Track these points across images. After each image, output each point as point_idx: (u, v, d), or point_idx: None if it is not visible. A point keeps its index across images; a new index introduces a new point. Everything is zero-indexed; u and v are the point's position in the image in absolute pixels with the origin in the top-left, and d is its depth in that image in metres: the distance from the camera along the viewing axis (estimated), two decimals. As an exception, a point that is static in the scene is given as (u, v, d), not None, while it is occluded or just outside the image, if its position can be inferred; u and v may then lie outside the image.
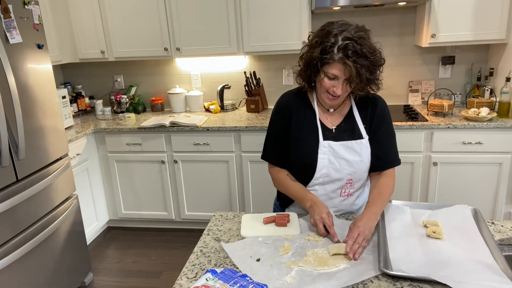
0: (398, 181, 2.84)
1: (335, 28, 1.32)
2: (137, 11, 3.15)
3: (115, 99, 3.56)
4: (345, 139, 1.46)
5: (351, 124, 1.48)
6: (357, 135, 1.46)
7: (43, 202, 2.25)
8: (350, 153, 1.45)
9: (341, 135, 1.47)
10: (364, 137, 1.46)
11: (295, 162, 1.50)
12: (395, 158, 1.51)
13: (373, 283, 1.10)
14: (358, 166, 1.46)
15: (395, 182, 1.50)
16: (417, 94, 3.31)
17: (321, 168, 1.46)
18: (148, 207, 3.32)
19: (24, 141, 2.07)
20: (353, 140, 1.45)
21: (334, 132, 1.47)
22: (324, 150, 1.45)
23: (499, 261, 1.11)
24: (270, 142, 1.58)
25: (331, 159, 1.45)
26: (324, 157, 1.45)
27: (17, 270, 2.05)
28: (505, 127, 2.64)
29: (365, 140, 1.46)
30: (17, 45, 2.09)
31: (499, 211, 2.81)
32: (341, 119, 1.49)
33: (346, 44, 1.28)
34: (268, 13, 2.98)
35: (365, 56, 1.29)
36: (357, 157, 1.45)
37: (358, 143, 1.45)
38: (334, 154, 1.45)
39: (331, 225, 1.31)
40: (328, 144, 1.45)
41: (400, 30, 3.21)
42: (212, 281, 1.08)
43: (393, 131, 1.52)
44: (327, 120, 1.49)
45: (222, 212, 1.60)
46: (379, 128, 1.47)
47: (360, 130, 1.47)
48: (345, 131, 1.47)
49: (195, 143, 3.06)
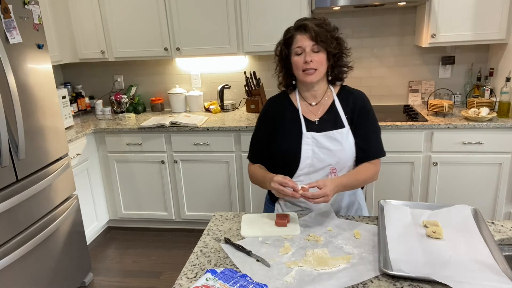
0: (398, 181, 2.87)
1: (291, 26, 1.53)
2: (137, 11, 3.15)
3: (115, 99, 3.56)
4: (328, 129, 1.52)
5: (333, 116, 1.54)
6: (339, 125, 1.53)
7: (43, 202, 2.25)
8: (332, 142, 1.51)
9: (324, 126, 1.53)
10: (345, 126, 1.52)
11: (280, 155, 1.56)
12: (380, 150, 1.57)
13: (373, 283, 1.10)
14: (340, 154, 1.51)
15: (378, 171, 1.56)
16: (417, 94, 3.31)
17: (305, 158, 1.51)
18: (148, 207, 3.32)
19: (24, 141, 2.07)
20: (335, 130, 1.51)
21: (317, 124, 1.54)
22: (307, 141, 1.51)
23: (499, 261, 1.11)
24: (252, 143, 1.67)
25: (315, 149, 1.51)
26: (308, 148, 1.51)
27: (17, 270, 2.05)
28: (505, 127, 2.64)
29: (346, 129, 1.52)
30: (17, 45, 2.09)
31: (499, 211, 2.81)
32: (324, 112, 1.56)
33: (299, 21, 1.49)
34: (268, 13, 2.98)
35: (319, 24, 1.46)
36: (338, 146, 1.50)
37: (339, 132, 1.51)
38: (317, 144, 1.51)
39: (287, 180, 1.36)
40: (311, 136, 1.51)
41: (400, 30, 3.21)
42: (212, 281, 1.08)
43: (377, 124, 1.58)
44: (310, 113, 1.56)
45: (222, 212, 1.60)
46: (362, 121, 1.54)
47: (342, 120, 1.53)
48: (328, 122, 1.54)
49: (195, 143, 3.06)
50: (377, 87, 3.36)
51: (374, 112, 1.58)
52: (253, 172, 1.62)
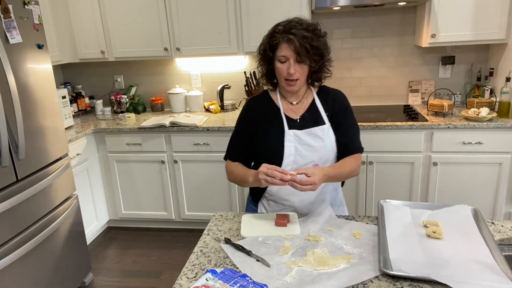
0: (398, 181, 2.87)
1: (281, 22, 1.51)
2: (137, 11, 3.15)
3: (115, 99, 3.56)
4: (309, 126, 1.55)
5: (314, 114, 1.58)
6: (320, 122, 1.56)
7: (43, 202, 2.25)
8: (314, 139, 1.53)
9: (305, 123, 1.56)
10: (326, 123, 1.56)
11: (263, 153, 1.57)
12: (360, 145, 1.62)
13: (373, 283, 1.10)
14: (322, 151, 1.54)
15: (360, 165, 1.60)
16: (417, 94, 3.31)
17: (288, 155, 1.53)
18: (148, 207, 3.32)
19: (24, 141, 2.07)
20: (316, 126, 1.54)
21: (299, 122, 1.57)
22: (289, 138, 1.53)
23: (499, 261, 1.11)
24: (232, 142, 1.67)
25: (297, 146, 1.53)
26: (290, 145, 1.53)
27: (17, 270, 2.05)
28: (505, 127, 2.64)
29: (327, 126, 1.56)
30: (17, 45, 2.09)
31: (499, 211, 2.81)
32: (305, 110, 1.58)
33: (287, 25, 1.46)
34: (268, 13, 2.98)
35: (305, 29, 1.44)
36: (320, 143, 1.53)
37: (321, 129, 1.54)
38: (300, 141, 1.53)
39: (274, 168, 1.36)
40: (293, 133, 1.54)
41: (400, 30, 3.21)
42: (212, 281, 1.08)
43: (356, 122, 1.63)
44: (292, 112, 1.59)
45: (222, 212, 1.60)
46: (343, 118, 1.58)
47: (323, 118, 1.57)
48: (309, 120, 1.57)
49: (195, 143, 3.06)
50: (377, 87, 3.36)
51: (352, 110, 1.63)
52: (233, 169, 1.62)
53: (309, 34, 1.44)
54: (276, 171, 1.35)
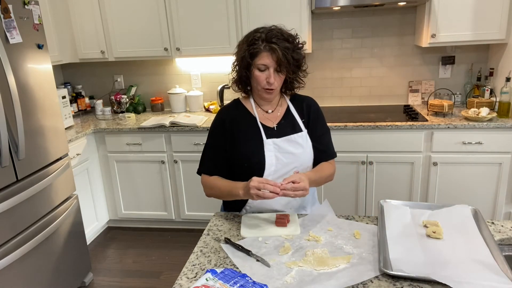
0: (398, 181, 2.87)
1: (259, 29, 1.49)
2: (137, 11, 3.15)
3: (115, 99, 3.56)
4: (287, 134, 1.54)
5: (290, 121, 1.58)
6: (297, 129, 1.56)
7: (43, 202, 2.25)
8: (294, 146, 1.53)
9: (283, 131, 1.55)
10: (303, 130, 1.56)
11: (244, 164, 1.52)
12: (334, 151, 1.66)
13: (373, 283, 1.10)
14: (303, 157, 1.54)
15: (335, 170, 1.64)
16: (417, 94, 3.31)
17: (270, 165, 1.50)
18: (148, 207, 3.32)
19: (24, 141, 2.07)
20: (295, 133, 1.54)
21: (276, 130, 1.55)
22: (269, 147, 1.51)
23: (499, 261, 1.11)
24: (207, 155, 1.60)
25: (278, 155, 1.51)
26: (271, 154, 1.51)
27: (17, 270, 2.05)
28: (505, 127, 2.64)
29: (305, 132, 1.56)
30: (17, 45, 2.09)
31: (499, 211, 2.81)
32: (281, 118, 1.58)
33: (269, 33, 1.44)
34: (268, 13, 2.98)
35: (286, 40, 1.44)
36: (300, 149, 1.53)
37: (300, 136, 1.55)
38: (280, 150, 1.52)
39: (265, 181, 1.34)
40: (272, 142, 1.52)
41: (400, 30, 3.21)
42: (212, 281, 1.09)
43: (328, 127, 1.66)
44: (268, 120, 1.57)
45: (222, 212, 1.60)
46: (317, 125, 1.60)
47: (299, 124, 1.57)
48: (286, 127, 1.56)
49: (195, 143, 3.06)
50: (377, 87, 3.36)
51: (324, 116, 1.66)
52: (214, 183, 1.55)
53: (290, 45, 1.44)
54: (268, 184, 1.33)
